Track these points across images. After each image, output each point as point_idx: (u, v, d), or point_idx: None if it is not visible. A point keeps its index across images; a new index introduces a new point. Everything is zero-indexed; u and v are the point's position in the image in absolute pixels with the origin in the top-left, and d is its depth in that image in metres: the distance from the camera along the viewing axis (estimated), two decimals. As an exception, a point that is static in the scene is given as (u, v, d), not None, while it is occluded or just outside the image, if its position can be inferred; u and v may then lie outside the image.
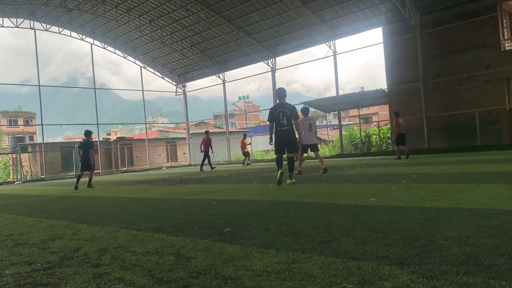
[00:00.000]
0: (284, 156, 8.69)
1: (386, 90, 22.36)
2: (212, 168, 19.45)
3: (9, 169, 31.71)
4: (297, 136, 9.01)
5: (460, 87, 19.18)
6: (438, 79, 19.72)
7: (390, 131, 23.76)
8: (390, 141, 24.31)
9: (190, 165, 34.63)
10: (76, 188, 12.31)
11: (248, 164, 23.05)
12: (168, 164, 36.63)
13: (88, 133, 12.88)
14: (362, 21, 22.80)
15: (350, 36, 24.22)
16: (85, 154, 12.60)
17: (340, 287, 2.10)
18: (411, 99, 20.75)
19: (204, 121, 68.55)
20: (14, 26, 28.05)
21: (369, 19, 22.48)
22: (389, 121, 23.83)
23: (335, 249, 2.85)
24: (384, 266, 2.37)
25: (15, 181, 26.64)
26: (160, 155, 37.72)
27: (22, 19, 28.17)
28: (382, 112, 53.16)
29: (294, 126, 8.55)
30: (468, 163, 10.40)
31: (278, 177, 8.08)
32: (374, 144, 27.29)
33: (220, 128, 57.22)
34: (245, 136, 24.56)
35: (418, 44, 20.10)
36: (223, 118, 58.61)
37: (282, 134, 8.41)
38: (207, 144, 19.31)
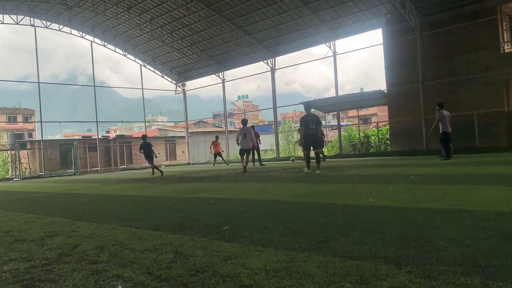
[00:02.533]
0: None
1: (386, 91, 22.38)
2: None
3: (8, 166, 31.70)
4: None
5: (459, 89, 19.19)
6: (437, 81, 19.73)
7: (388, 132, 23.78)
8: (388, 142, 24.32)
9: (189, 163, 34.63)
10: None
11: (214, 165, 24.17)
12: (167, 163, 36.60)
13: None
14: (362, 22, 22.81)
15: (350, 36, 24.25)
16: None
17: (338, 286, 2.11)
18: (410, 100, 20.76)
19: (203, 120, 68.55)
20: (14, 23, 28.01)
21: (369, 20, 22.49)
22: (388, 122, 23.85)
23: (333, 248, 2.86)
24: (382, 266, 2.38)
25: (13, 178, 26.62)
26: (159, 153, 37.70)
27: (23, 16, 28.13)
28: (381, 113, 53.21)
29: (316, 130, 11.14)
30: (466, 165, 10.42)
31: (309, 172, 10.96)
32: (373, 145, 27.31)
33: (219, 127, 57.24)
34: (217, 138, 24.87)
35: (417, 45, 20.12)
36: (222, 117, 58.57)
37: (310, 136, 11.17)
38: (256, 137, 17.27)
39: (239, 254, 2.88)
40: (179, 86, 36.11)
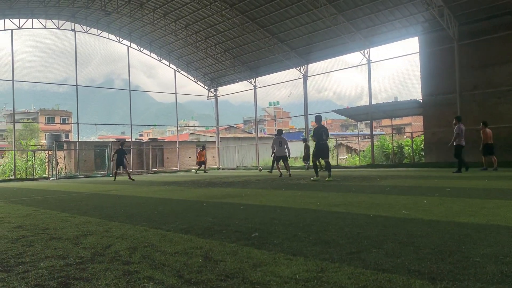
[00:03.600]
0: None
1: (421, 100, 21.88)
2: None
3: (45, 165, 32.83)
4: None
5: (499, 100, 18.55)
6: (476, 91, 19.15)
7: (423, 142, 23.22)
8: (423, 153, 23.75)
9: (219, 168, 34.87)
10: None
11: (197, 172, 25.48)
12: (198, 167, 36.99)
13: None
14: (398, 30, 22.45)
15: (385, 45, 23.89)
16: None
17: (370, 299, 2.06)
18: (447, 110, 20.22)
19: (234, 125, 68.95)
20: (56, 27, 29.13)
21: (405, 28, 22.11)
22: (422, 132, 23.29)
23: (365, 260, 2.80)
24: (416, 280, 2.32)
25: (50, 177, 27.53)
26: (190, 157, 38.16)
27: (64, 21, 29.22)
28: (416, 123, 52.07)
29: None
30: (505, 179, 10.04)
31: (317, 179, 12.30)
32: (406, 155, 26.71)
33: (249, 133, 57.42)
34: (203, 147, 26.61)
35: (455, 54, 19.61)
36: (252, 123, 58.80)
37: (323, 146, 12.53)
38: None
39: (269, 262, 2.86)
40: (211, 92, 36.51)
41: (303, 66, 28.13)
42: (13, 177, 27.45)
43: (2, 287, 2.53)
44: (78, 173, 30.22)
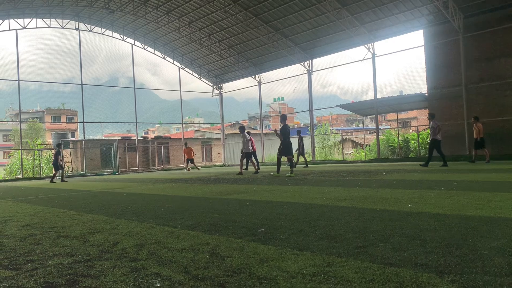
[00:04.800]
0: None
1: (426, 94, 21.77)
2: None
3: (51, 165, 33.01)
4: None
5: (505, 92, 18.41)
6: (482, 84, 19.01)
7: (429, 136, 23.10)
8: (428, 147, 23.64)
9: (224, 165, 34.93)
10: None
11: (189, 170, 25.68)
12: (203, 164, 37.10)
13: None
14: (402, 23, 22.31)
15: (390, 38, 23.75)
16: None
17: (377, 293, 2.06)
18: (452, 104, 20.12)
19: (239, 122, 68.99)
20: (60, 27, 29.22)
21: (410, 21, 21.97)
22: (428, 126, 23.18)
23: (372, 254, 2.80)
24: (423, 273, 2.31)
25: (57, 176, 27.67)
26: (195, 154, 38.27)
27: (68, 20, 29.31)
28: (421, 117, 51.84)
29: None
30: (512, 172, 9.98)
31: (277, 175, 13.16)
32: (412, 149, 26.59)
33: (255, 129, 57.43)
34: (186, 145, 27.33)
35: (461, 47, 19.47)
36: (257, 120, 58.77)
37: (289, 144, 13.23)
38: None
39: (275, 257, 2.87)
40: (216, 88, 36.52)
41: (308, 61, 28.06)
42: (20, 176, 27.67)
43: (11, 285, 2.55)
44: (84, 172, 30.39)
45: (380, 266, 2.50)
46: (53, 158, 19.99)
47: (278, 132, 13.48)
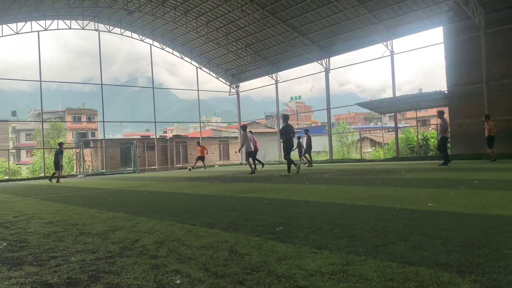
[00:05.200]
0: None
1: (446, 91, 21.42)
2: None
3: (73, 163, 33.64)
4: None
5: (528, 90, 17.99)
6: (503, 81, 18.60)
7: (449, 134, 22.71)
8: (449, 145, 23.26)
9: (241, 163, 35.01)
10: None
11: (189, 169, 25.75)
12: (221, 162, 37.27)
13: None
14: (421, 20, 21.99)
15: (409, 35, 23.43)
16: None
17: (397, 292, 2.05)
18: (473, 101, 19.74)
19: (256, 121, 69.02)
20: (80, 28, 29.72)
21: (429, 18, 21.63)
22: (448, 124, 22.80)
23: (391, 253, 2.78)
24: (444, 273, 2.29)
25: (78, 174, 28.19)
26: (213, 153, 38.46)
27: (88, 21, 29.80)
28: (441, 115, 50.89)
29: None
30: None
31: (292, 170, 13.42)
32: (432, 148, 26.21)
33: (272, 128, 57.37)
34: (199, 143, 27.29)
35: (482, 43, 19.08)
36: (274, 119, 58.70)
37: (291, 142, 13.70)
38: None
39: (294, 255, 2.87)
40: (233, 88, 36.62)
41: (325, 60, 27.90)
42: (42, 175, 28.27)
43: (36, 280, 2.62)
44: (105, 170, 30.84)
45: (400, 265, 2.48)
46: (54, 158, 19.71)
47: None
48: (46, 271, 2.83)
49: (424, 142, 27.00)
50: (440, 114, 15.06)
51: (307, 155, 20.98)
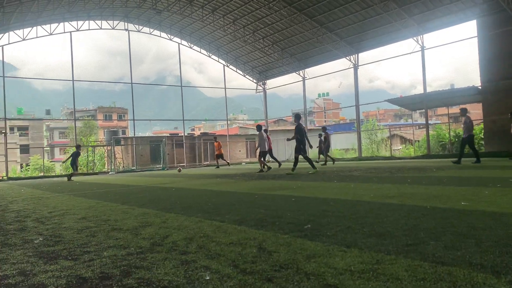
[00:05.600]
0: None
1: (480, 87, 20.78)
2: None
3: (104, 160, 34.48)
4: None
5: None
6: (542, 75, 17.91)
7: (483, 131, 22.05)
8: (482, 142, 22.57)
9: (268, 161, 34.99)
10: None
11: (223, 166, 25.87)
12: (248, 160, 37.39)
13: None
14: (454, 13, 21.39)
15: (440, 30, 22.84)
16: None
17: (429, 292, 2.01)
18: (509, 97, 19.07)
19: (283, 118, 68.86)
20: (110, 28, 30.40)
21: (462, 11, 21.02)
22: (482, 120, 22.13)
23: (422, 252, 2.72)
24: (478, 273, 2.22)
25: (109, 171, 28.88)
26: (240, 150, 38.64)
27: (118, 21, 30.45)
28: (474, 111, 49.46)
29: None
30: None
31: (315, 170, 13.18)
32: (464, 145, 25.46)
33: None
34: (215, 138, 26.61)
35: (518, 37, 18.41)
36: (301, 116, 58.41)
37: (305, 142, 13.59)
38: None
39: (323, 253, 2.85)
40: (260, 85, 36.65)
41: (353, 56, 27.54)
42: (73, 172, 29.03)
43: (71, 274, 2.70)
44: (135, 167, 31.47)
45: (432, 265, 2.43)
46: (71, 158, 19.77)
47: (289, 138, 14.17)
48: (80, 265, 2.92)
49: (456, 139, 26.24)
50: (463, 111, 14.53)
51: (323, 154, 20.79)
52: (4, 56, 26.17)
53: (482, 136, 22.52)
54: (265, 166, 17.01)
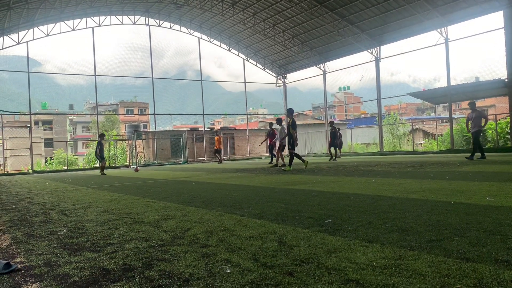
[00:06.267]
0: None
1: (506, 80, 20.21)
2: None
3: (126, 154, 34.98)
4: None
5: None
6: None
7: (509, 125, 21.48)
8: (509, 137, 22.00)
9: (288, 155, 34.93)
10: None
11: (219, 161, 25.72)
12: (268, 154, 37.36)
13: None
14: (479, 4, 20.82)
15: (465, 21, 22.27)
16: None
17: (454, 289, 1.97)
18: (537, 90, 18.51)
19: (303, 112, 68.47)
20: (131, 23, 30.70)
21: (488, 1, 20.44)
22: (508, 114, 21.55)
23: (446, 248, 2.67)
24: (505, 270, 2.17)
25: (131, 165, 29.29)
26: (260, 145, 38.63)
27: (139, 16, 30.72)
28: (500, 105, 48.28)
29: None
30: None
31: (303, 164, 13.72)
32: (489, 139, 24.89)
33: (319, 119, 56.75)
34: (217, 132, 26.75)
35: (547, 27, 17.81)
36: (322, 110, 57.97)
37: (296, 136, 13.40)
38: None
39: (344, 248, 2.83)
40: (280, 79, 36.51)
41: (375, 48, 27.14)
42: (98, 165, 29.59)
43: (94, 266, 2.75)
44: (156, 161, 31.84)
45: (456, 261, 2.38)
46: (98, 149, 18.27)
47: (284, 130, 14.09)
48: (103, 257, 2.96)
49: (481, 134, 25.68)
50: (472, 105, 14.18)
51: (332, 148, 20.29)
52: (29, 52, 26.76)
53: (509, 130, 21.96)
54: (280, 161, 16.83)
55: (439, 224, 3.44)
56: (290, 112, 13.70)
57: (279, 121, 16.56)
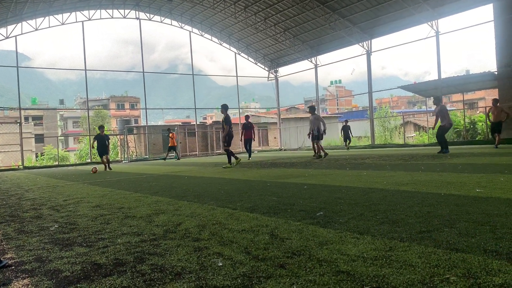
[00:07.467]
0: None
1: (496, 72, 20.38)
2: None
3: (117, 149, 34.79)
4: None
5: None
6: (560, 60, 17.48)
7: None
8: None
9: (281, 149, 35.00)
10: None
11: (166, 159, 25.61)
12: (260, 148, 37.40)
13: None
14: (470, -3, 20.91)
15: (455, 14, 22.36)
16: None
17: (443, 278, 1.99)
18: (526, 82, 18.68)
19: (295, 106, 68.55)
20: (122, 17, 30.41)
21: (478, -6, 20.54)
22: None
23: (436, 239, 2.70)
24: (493, 260, 2.20)
25: (122, 160, 29.15)
26: (181, 143, 38.75)
27: (129, 10, 30.42)
28: (490, 97, 48.74)
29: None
30: None
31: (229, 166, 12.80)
32: (479, 132, 25.12)
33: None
34: (169, 130, 26.66)
35: (536, 20, 17.95)
36: (314, 103, 58.08)
37: (232, 133, 13.52)
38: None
39: (335, 240, 2.85)
40: (272, 73, 36.46)
41: (367, 42, 27.17)
42: (89, 160, 29.42)
43: (86, 260, 2.74)
44: (148, 156, 31.71)
45: (446, 252, 2.41)
46: (93, 145, 17.37)
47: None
48: (95, 252, 2.96)
49: (472, 126, 25.91)
50: (437, 100, 14.28)
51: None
52: (17, 46, 26.41)
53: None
54: (322, 152, 15.38)
55: (429, 216, 3.48)
56: (224, 108, 13.33)
57: (312, 109, 15.23)
